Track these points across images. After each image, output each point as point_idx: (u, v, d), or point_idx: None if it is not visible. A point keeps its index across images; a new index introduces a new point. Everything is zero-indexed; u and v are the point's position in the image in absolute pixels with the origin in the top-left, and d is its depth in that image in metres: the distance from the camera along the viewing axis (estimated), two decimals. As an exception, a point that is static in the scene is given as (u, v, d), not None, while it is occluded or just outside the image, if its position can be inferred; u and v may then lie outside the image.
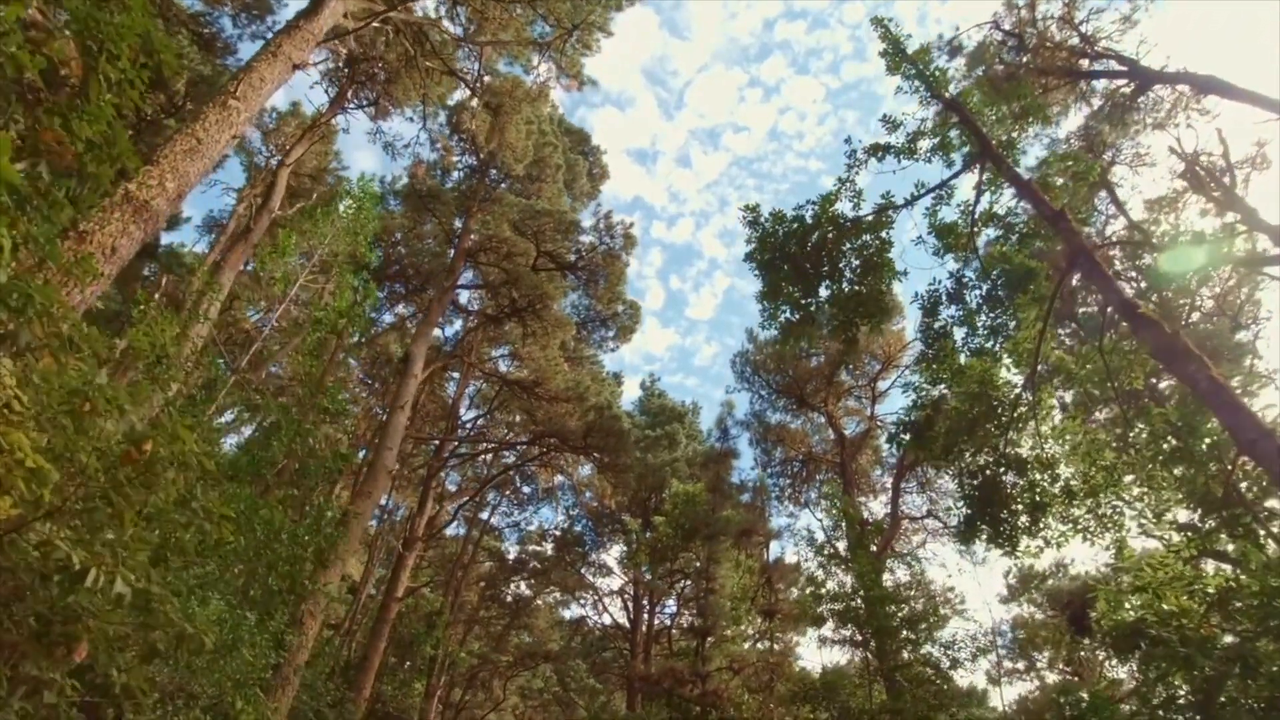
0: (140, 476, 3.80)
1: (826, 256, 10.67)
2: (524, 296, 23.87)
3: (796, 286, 10.56)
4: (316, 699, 16.60)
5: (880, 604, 13.88)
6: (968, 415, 7.90)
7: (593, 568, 33.14)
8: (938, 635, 14.31)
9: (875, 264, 9.73)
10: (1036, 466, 7.97)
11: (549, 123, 28.60)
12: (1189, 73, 12.73)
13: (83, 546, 3.55)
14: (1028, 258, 9.80)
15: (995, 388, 7.99)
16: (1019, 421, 7.97)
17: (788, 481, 28.44)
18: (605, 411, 22.60)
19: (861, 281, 9.93)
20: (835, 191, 10.70)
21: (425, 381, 32.43)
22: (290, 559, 7.26)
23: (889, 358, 25.71)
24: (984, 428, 7.83)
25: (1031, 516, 8.00)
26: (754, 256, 11.59)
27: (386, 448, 19.56)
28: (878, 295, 9.62)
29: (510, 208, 25.12)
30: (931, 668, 13.97)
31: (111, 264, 8.48)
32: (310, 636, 15.88)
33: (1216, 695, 6.70)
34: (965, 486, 8.43)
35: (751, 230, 11.62)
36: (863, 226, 10.63)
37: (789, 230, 10.49)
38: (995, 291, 9.57)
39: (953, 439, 8.30)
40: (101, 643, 3.70)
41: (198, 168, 10.21)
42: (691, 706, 19.75)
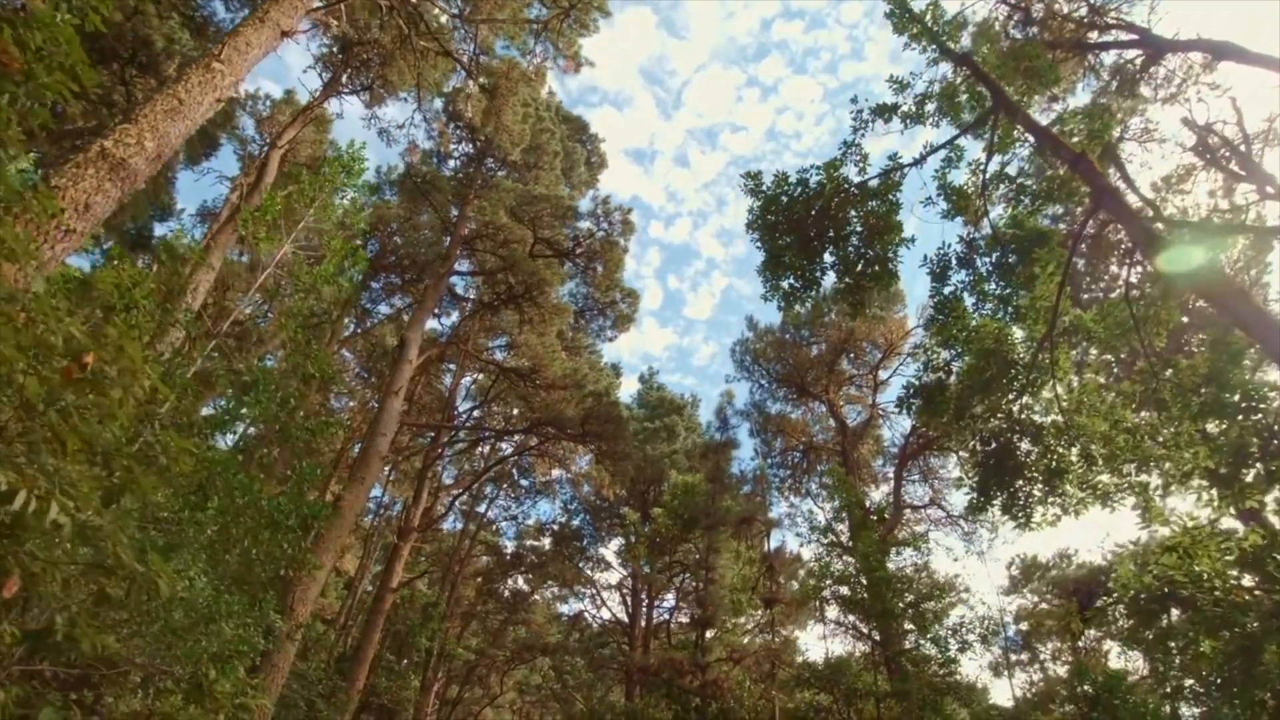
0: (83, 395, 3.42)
1: (831, 223, 10.31)
2: (521, 282, 23.49)
3: (800, 254, 10.20)
4: (308, 688, 16.22)
5: (884, 585, 13.52)
6: (981, 377, 7.53)
7: (591, 562, 32.79)
8: (944, 618, 13.98)
9: (882, 228, 9.37)
10: (1052, 431, 7.61)
11: (547, 109, 28.24)
12: (1203, 39, 12.39)
13: (14, 470, 3.16)
14: (1040, 221, 9.45)
15: (1011, 345, 7.62)
16: (1034, 384, 7.61)
17: (788, 472, 28.10)
18: (603, 398, 22.23)
19: (868, 246, 9.58)
20: (841, 155, 10.35)
21: (421, 372, 32.08)
22: (271, 525, 6.88)
23: (890, 345, 25.37)
24: (998, 390, 7.48)
25: (1047, 484, 7.65)
26: (756, 225, 11.24)
27: (380, 433, 19.19)
28: (885, 259, 9.26)
29: (507, 193, 24.74)
30: (938, 648, 13.63)
31: (85, 220, 8.11)
32: (300, 623, 15.52)
33: (1259, 656, 6.35)
34: (977, 453, 8.08)
35: (753, 199, 11.27)
36: (869, 192, 10.28)
37: (792, 195, 10.14)
38: (1005, 258, 9.22)
39: (965, 403, 7.93)
40: (38, 578, 3.31)
41: (179, 129, 9.84)
42: (691, 698, 19.39)
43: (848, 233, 10.31)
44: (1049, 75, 9.96)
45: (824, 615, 14.64)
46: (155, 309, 6.36)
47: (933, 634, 13.79)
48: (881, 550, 14.11)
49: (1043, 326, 7.48)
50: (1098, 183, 6.54)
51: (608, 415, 21.21)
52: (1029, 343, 7.60)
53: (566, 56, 21.70)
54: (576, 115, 31.88)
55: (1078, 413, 7.35)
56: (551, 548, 33.55)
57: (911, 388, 8.26)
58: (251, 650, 7.19)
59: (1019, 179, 9.15)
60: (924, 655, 13.74)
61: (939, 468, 26.09)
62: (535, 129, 26.43)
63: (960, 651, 13.91)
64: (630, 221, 25.41)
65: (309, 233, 12.58)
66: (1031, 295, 7.55)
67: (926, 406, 8.11)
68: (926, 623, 13.87)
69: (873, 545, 14.07)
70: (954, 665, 13.86)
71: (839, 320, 25.69)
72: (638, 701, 19.34)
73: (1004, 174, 9.17)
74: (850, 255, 9.82)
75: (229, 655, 6.75)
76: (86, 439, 3.49)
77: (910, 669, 13.35)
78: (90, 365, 3.37)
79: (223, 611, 6.43)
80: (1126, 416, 7.24)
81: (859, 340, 25.38)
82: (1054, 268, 7.49)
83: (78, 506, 3.40)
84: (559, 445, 25.95)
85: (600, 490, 28.30)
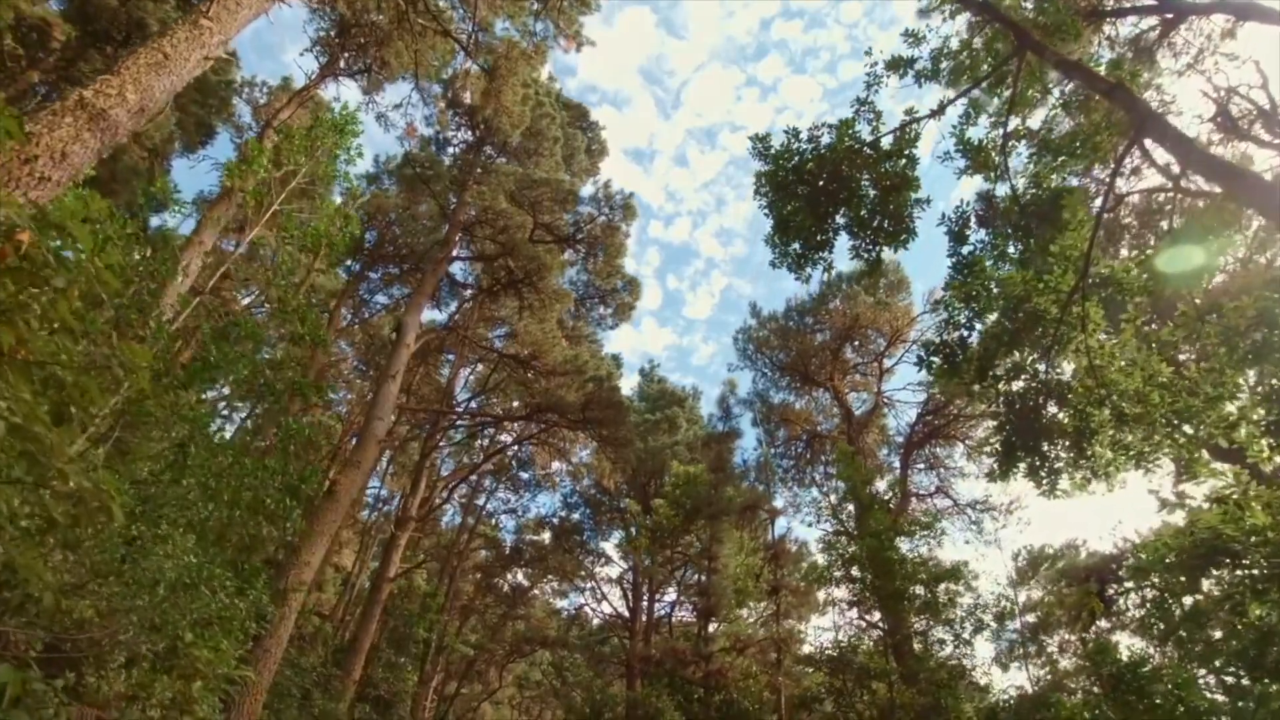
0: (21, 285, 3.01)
1: (842, 184, 9.91)
2: (521, 267, 23.09)
3: (810, 215, 9.79)
4: (301, 676, 15.81)
5: (894, 566, 13.08)
6: (1006, 333, 7.11)
7: (591, 555, 32.36)
8: (956, 601, 13.55)
9: (898, 184, 8.97)
10: (1081, 391, 7.19)
11: (547, 94, 27.84)
12: (1226, 1, 11.99)
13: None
14: (1065, 180, 9.04)
15: (1041, 293, 7.17)
16: (1061, 342, 7.19)
17: (791, 462, 27.68)
18: (604, 383, 21.82)
19: (882, 204, 9.17)
20: (853, 113, 9.95)
21: (420, 364, 31.70)
22: (254, 485, 6.47)
23: (896, 332, 24.97)
24: (1025, 343, 7.07)
25: (1075, 446, 7.23)
26: (764, 188, 10.84)
27: (376, 417, 18.79)
28: (901, 214, 8.85)
29: (507, 177, 24.33)
30: (951, 628, 13.21)
31: (61, 170, 7.71)
32: (293, 610, 15.11)
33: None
34: (1001, 415, 7.66)
35: (761, 162, 10.88)
36: (883, 153, 9.87)
37: (803, 154, 9.75)
38: (1025, 221, 8.81)
39: (988, 361, 7.52)
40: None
41: (164, 83, 9.43)
42: (694, 688, 18.96)
43: (861, 193, 9.91)
44: (1070, 30, 9.55)
45: (832, 599, 14.26)
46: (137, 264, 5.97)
47: (945, 614, 13.37)
48: (892, 530, 13.71)
49: (1071, 278, 7.06)
50: (1138, 107, 6.12)
51: (608, 401, 20.80)
52: (1057, 293, 7.16)
53: (567, 35, 21.30)
54: (577, 102, 31.48)
55: (1109, 368, 6.93)
56: (551, 541, 33.13)
57: (930, 346, 7.84)
58: (235, 618, 6.77)
59: (1040, 133, 8.74)
60: (937, 638, 13.34)
61: (945, 457, 25.72)
62: (535, 114, 26.03)
63: (975, 633, 13.50)
64: (632, 206, 25.02)
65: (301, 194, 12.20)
66: (1060, 244, 7.13)
67: (947, 366, 7.69)
68: (939, 605, 13.46)
69: (884, 522, 13.66)
70: (969, 646, 13.52)
71: (844, 307, 25.30)
72: (639, 690, 18.91)
73: (1025, 129, 8.77)
74: (864, 215, 9.42)
75: (209, 621, 6.36)
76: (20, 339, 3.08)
77: (921, 650, 12.95)
78: (27, 248, 2.96)
79: (203, 576, 6.02)
80: (1162, 370, 6.82)
81: (864, 327, 24.98)
82: (1084, 214, 7.09)
83: (11, 409, 2.99)
84: (559, 434, 25.53)
85: (601, 481, 27.90)
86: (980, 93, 9.16)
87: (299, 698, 15.28)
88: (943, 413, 24.77)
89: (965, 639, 13.46)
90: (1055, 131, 9.12)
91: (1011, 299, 7.07)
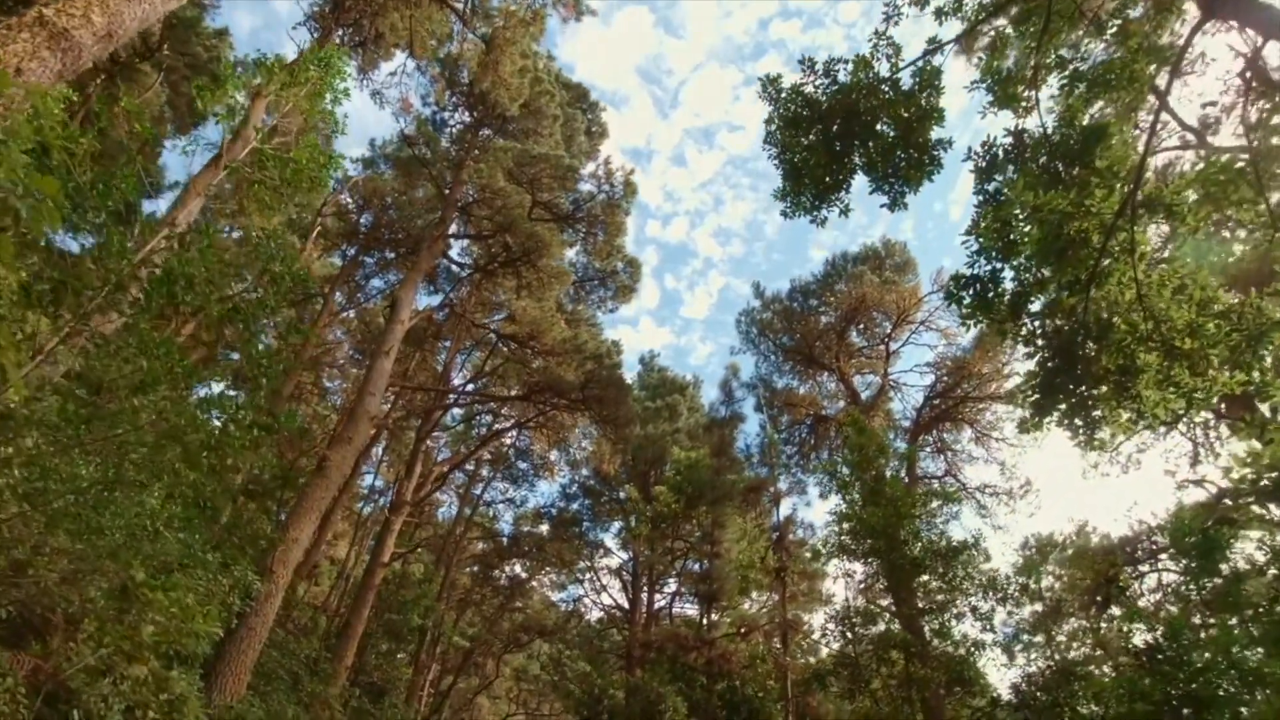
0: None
1: (859, 122, 9.33)
2: (519, 244, 22.47)
3: (824, 156, 9.20)
4: (289, 658, 15.21)
5: (911, 536, 12.52)
6: (1043, 263, 6.48)
7: (590, 547, 31.73)
8: (973, 574, 12.95)
9: (919, 117, 8.37)
10: (1125, 328, 6.58)
11: (546, 72, 27.24)
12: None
13: None
14: (1099, 115, 8.44)
15: (1083, 216, 6.52)
16: (1104, 274, 6.58)
17: (794, 449, 27.08)
18: (604, 361, 21.21)
19: (903, 141, 8.57)
20: (871, 50, 9.36)
21: (416, 349, 31.10)
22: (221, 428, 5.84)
23: (902, 313, 24.39)
24: (1069, 267, 6.46)
25: (1119, 388, 6.62)
26: (773, 137, 10.26)
27: (369, 392, 18.20)
28: (924, 145, 8.25)
29: (505, 153, 23.70)
30: (966, 599, 12.62)
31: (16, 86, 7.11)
32: (280, 587, 14.50)
33: None
34: (1038, 350, 7.03)
35: (772, 106, 10.30)
36: (902, 93, 9.27)
37: (818, 89, 9.16)
38: (1054, 165, 8.22)
39: (1023, 297, 6.92)
40: None
41: (135, 11, 8.84)
42: (697, 675, 18.35)
43: (879, 133, 9.32)
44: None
45: (848, 571, 13.62)
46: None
47: (963, 587, 12.79)
48: (908, 498, 13.11)
49: (1115, 200, 6.45)
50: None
51: (609, 379, 20.20)
52: (1100, 218, 6.50)
53: (566, 3, 20.72)
54: (577, 83, 30.85)
55: (1157, 299, 6.34)
56: (550, 532, 32.53)
57: (960, 279, 7.25)
58: (200, 564, 6.15)
59: (1073, 61, 8.14)
60: (955, 612, 12.75)
61: (953, 441, 25.15)
62: (535, 90, 25.42)
63: (1000, 603, 12.90)
64: (633, 183, 24.40)
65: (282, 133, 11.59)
66: (1107, 156, 6.48)
67: (978, 301, 7.10)
68: (956, 579, 12.90)
69: (898, 489, 13.08)
70: (987, 621, 12.90)
71: (849, 288, 24.73)
72: (640, 675, 18.29)
73: (1058, 58, 8.17)
74: (883, 151, 8.82)
75: (170, 567, 5.76)
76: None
77: (939, 625, 12.38)
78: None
79: (160, 516, 5.40)
80: (1219, 297, 6.24)
81: (869, 308, 24.40)
82: (1131, 123, 6.50)
83: None
84: (558, 418, 24.93)
85: (601, 466, 27.28)
86: (1008, 21, 8.58)
87: (287, 681, 14.66)
88: (951, 395, 24.21)
89: (984, 613, 12.90)
90: (1090, 63, 8.51)
91: (1050, 224, 6.45)
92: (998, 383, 23.19)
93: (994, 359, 22.84)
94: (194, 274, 5.33)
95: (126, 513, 5.73)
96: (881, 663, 12.65)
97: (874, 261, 24.71)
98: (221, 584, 11.42)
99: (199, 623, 5.91)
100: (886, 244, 24.91)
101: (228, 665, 12.79)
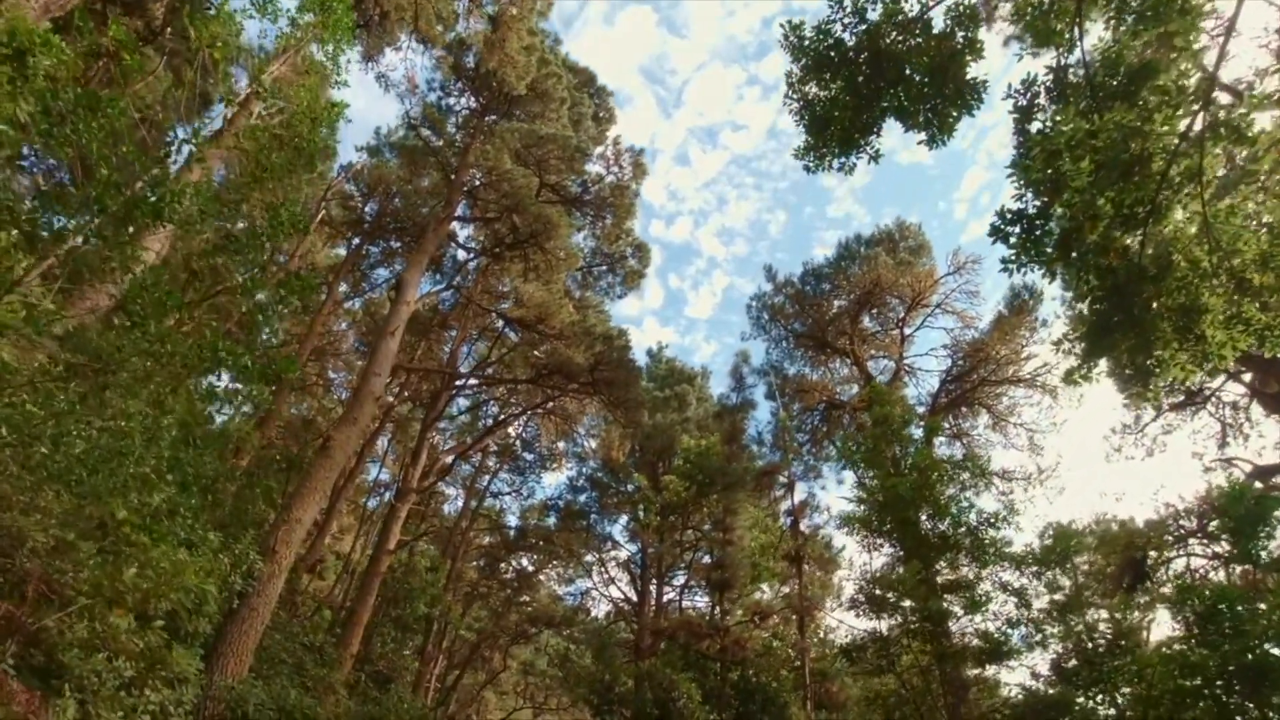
0: None
1: (889, 67, 8.85)
2: (527, 225, 22.03)
3: (851, 98, 8.73)
4: (291, 640, 14.80)
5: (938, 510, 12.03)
6: (1105, 186, 5.94)
7: (598, 539, 31.28)
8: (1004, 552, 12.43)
9: (952, 57, 7.88)
10: (1186, 265, 6.09)
11: (553, 55, 26.82)
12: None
13: None
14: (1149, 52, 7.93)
15: (1146, 136, 6.01)
16: (1164, 207, 6.08)
17: (806, 437, 26.56)
18: (614, 342, 20.75)
19: (936, 80, 8.09)
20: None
21: (422, 338, 30.71)
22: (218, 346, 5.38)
23: (918, 296, 23.85)
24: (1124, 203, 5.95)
25: (1180, 330, 6.12)
26: (794, 91, 9.79)
27: (374, 373, 17.81)
28: (961, 80, 7.76)
29: (512, 134, 23.27)
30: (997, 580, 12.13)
31: None
32: (282, 568, 14.10)
33: None
34: (1091, 288, 6.49)
35: (794, 55, 9.83)
36: (932, 36, 8.79)
37: (846, 27, 8.70)
38: (1096, 108, 7.72)
39: (1073, 235, 6.40)
40: None
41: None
42: (711, 663, 17.85)
43: (909, 76, 8.84)
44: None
45: (872, 544, 13.04)
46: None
47: (992, 564, 12.27)
48: (933, 467, 12.61)
49: (1180, 121, 5.95)
50: None
51: (619, 361, 19.76)
52: (1162, 142, 5.98)
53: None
54: (584, 66, 30.38)
55: (1226, 226, 5.85)
56: (557, 524, 32.08)
57: (1007, 214, 6.74)
58: (187, 507, 5.71)
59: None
60: (984, 591, 12.23)
61: (970, 428, 24.61)
62: (541, 72, 25.01)
63: (1036, 575, 12.40)
64: (642, 164, 24.02)
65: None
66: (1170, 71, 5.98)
67: (1026, 236, 6.59)
68: (986, 554, 12.39)
69: (927, 458, 12.57)
70: (1022, 597, 12.38)
71: (863, 270, 24.22)
72: (651, 661, 17.80)
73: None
74: (913, 97, 8.34)
75: (157, 513, 5.31)
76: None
77: (969, 599, 11.87)
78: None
79: (138, 444, 4.95)
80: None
81: (884, 290, 23.87)
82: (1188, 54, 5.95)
83: None
84: (565, 404, 24.50)
85: (610, 453, 26.80)
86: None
87: (291, 664, 14.25)
88: (967, 379, 23.68)
89: (1016, 589, 12.39)
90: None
91: (1113, 142, 5.95)
92: (1016, 366, 22.65)
93: (1012, 341, 22.30)
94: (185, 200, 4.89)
95: (111, 457, 5.29)
96: (914, 637, 12.15)
97: (888, 244, 24.19)
98: (222, 563, 10.97)
99: (191, 576, 5.45)
100: (901, 225, 24.41)
101: (229, 646, 12.41)
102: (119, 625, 4.88)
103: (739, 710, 16.21)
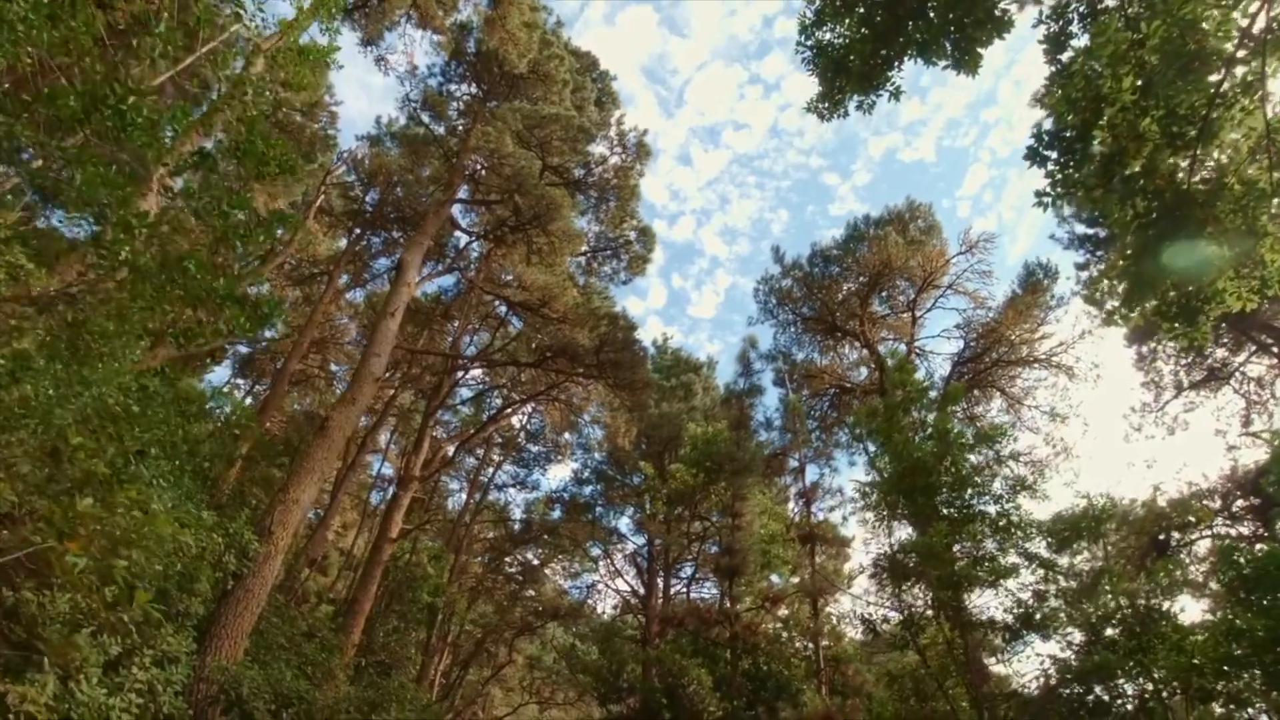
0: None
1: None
2: (530, 207, 21.58)
3: (869, 31, 8.25)
4: (289, 625, 14.36)
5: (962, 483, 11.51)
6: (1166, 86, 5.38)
7: (604, 533, 30.82)
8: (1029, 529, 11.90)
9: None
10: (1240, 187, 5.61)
11: (555, 36, 26.41)
12: None
13: None
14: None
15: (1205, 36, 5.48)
16: (1216, 125, 5.58)
17: (816, 423, 26.04)
18: (619, 322, 20.30)
19: (961, 9, 7.60)
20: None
21: (424, 329, 30.31)
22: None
23: (929, 277, 23.33)
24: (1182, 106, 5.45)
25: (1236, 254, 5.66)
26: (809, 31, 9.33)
27: (374, 354, 17.39)
28: (988, 9, 7.27)
29: (514, 115, 22.85)
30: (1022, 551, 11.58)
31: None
32: (279, 549, 13.68)
33: None
34: (1133, 221, 6.00)
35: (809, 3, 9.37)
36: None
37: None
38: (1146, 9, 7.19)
39: (1115, 159, 5.91)
40: None
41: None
42: (721, 650, 17.36)
43: (928, 13, 8.35)
44: None
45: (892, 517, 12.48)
46: None
47: (1020, 536, 11.75)
48: (958, 434, 12.12)
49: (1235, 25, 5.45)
50: None
51: (624, 342, 19.31)
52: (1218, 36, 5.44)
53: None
54: (586, 50, 29.96)
55: None
56: (563, 517, 31.64)
57: (1043, 135, 6.24)
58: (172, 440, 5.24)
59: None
60: (1010, 563, 11.70)
61: (984, 413, 24.06)
62: (544, 53, 24.62)
63: (1065, 545, 11.89)
64: (646, 145, 23.57)
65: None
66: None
67: (1065, 159, 6.10)
68: (1012, 524, 11.89)
69: (949, 427, 12.06)
70: (1051, 569, 11.87)
71: (872, 251, 23.70)
72: (661, 647, 17.32)
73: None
74: (935, 28, 7.85)
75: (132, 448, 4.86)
76: None
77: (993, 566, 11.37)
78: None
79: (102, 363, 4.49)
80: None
81: (894, 271, 23.34)
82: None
83: None
84: (571, 389, 24.05)
85: (616, 440, 26.32)
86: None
87: (289, 650, 13.81)
88: (979, 361, 23.14)
89: (1051, 561, 11.89)
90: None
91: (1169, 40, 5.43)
92: (1030, 346, 22.10)
93: (1027, 320, 21.76)
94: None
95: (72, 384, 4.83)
96: (938, 610, 11.64)
97: (898, 224, 23.66)
98: (216, 542, 10.48)
99: (164, 525, 4.99)
100: (911, 205, 23.87)
101: (223, 628, 11.99)
102: (74, 564, 4.42)
103: (751, 697, 15.73)
